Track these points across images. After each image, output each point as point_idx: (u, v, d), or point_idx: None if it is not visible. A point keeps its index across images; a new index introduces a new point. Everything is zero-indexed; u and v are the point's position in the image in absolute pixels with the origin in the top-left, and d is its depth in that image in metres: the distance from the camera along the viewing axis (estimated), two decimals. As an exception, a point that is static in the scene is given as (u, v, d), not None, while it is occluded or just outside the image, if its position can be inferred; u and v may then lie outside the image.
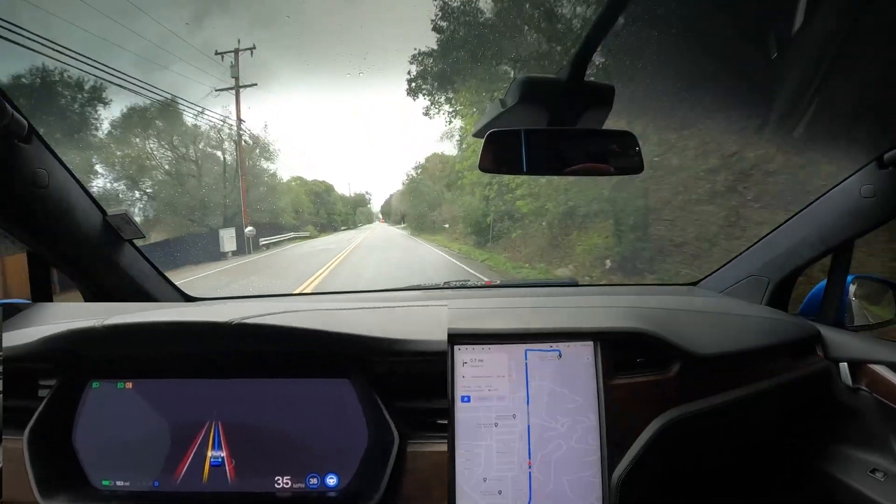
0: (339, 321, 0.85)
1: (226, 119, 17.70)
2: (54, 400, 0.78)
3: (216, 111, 19.06)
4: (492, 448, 0.85)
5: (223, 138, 18.17)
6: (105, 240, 1.00)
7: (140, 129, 15.70)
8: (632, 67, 6.15)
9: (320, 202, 29.82)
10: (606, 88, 0.78)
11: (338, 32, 28.68)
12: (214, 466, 0.76)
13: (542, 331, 0.91)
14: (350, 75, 21.53)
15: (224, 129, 17.89)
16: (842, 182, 1.07)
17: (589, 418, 0.87)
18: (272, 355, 0.81)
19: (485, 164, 0.80)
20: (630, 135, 0.80)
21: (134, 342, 0.79)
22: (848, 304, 1.14)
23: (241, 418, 0.78)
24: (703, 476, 1.04)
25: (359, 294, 1.49)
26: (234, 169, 17.51)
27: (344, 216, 37.43)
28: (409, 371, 0.81)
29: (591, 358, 0.89)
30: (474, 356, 0.89)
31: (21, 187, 0.80)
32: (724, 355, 0.95)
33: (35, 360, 0.79)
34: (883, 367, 1.00)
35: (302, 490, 0.76)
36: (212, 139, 17.93)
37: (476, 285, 1.55)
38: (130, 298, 1.08)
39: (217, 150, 18.25)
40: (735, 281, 1.36)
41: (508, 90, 0.80)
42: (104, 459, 0.77)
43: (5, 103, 0.71)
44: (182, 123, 16.81)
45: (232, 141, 17.98)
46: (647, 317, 0.98)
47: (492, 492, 0.84)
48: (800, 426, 1.10)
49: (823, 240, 1.12)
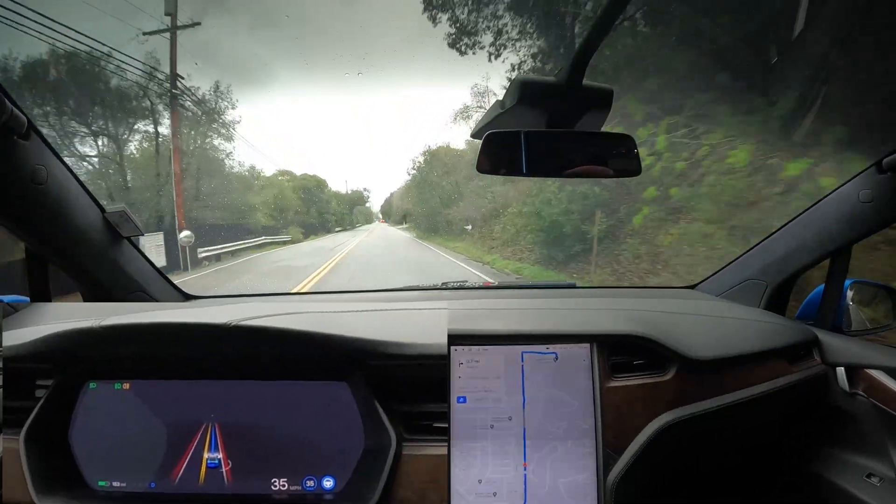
0: (338, 324, 0.85)
1: (153, 73, 11.95)
2: (51, 400, 0.78)
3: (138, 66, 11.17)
4: (487, 450, 0.85)
5: (155, 103, 12.87)
6: (103, 236, 1.00)
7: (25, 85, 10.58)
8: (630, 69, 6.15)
9: (310, 199, 25.62)
10: (605, 91, 0.78)
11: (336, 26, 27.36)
12: (211, 468, 0.76)
13: (539, 332, 0.91)
14: (348, 74, 19.08)
15: (156, 92, 12.50)
16: (840, 187, 1.07)
17: (585, 421, 0.87)
18: (270, 357, 0.81)
19: (483, 165, 0.79)
20: (628, 137, 0.80)
21: (131, 343, 0.79)
22: (846, 309, 1.14)
23: (239, 420, 0.78)
24: (698, 479, 1.05)
25: (358, 294, 1.49)
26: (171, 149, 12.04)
27: (339, 216, 33.76)
28: (406, 374, 0.81)
29: (587, 360, 0.89)
30: (471, 357, 0.89)
31: (20, 184, 0.80)
32: (722, 359, 0.95)
33: (32, 360, 0.79)
34: (880, 372, 1.00)
35: (298, 492, 0.76)
36: (136, 104, 12.61)
37: (474, 286, 1.55)
38: (128, 295, 1.08)
39: (142, 119, 12.94)
40: (733, 284, 1.36)
41: (507, 91, 0.80)
42: (101, 460, 0.77)
43: (5, 99, 0.71)
44: (91, 79, 11.70)
45: (166, 108, 12.50)
46: (644, 319, 0.98)
47: (487, 493, 0.84)
48: (796, 430, 1.10)
49: (822, 244, 1.12)
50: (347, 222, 37.30)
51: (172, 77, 11.78)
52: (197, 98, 13.77)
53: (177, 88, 12.00)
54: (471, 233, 13.98)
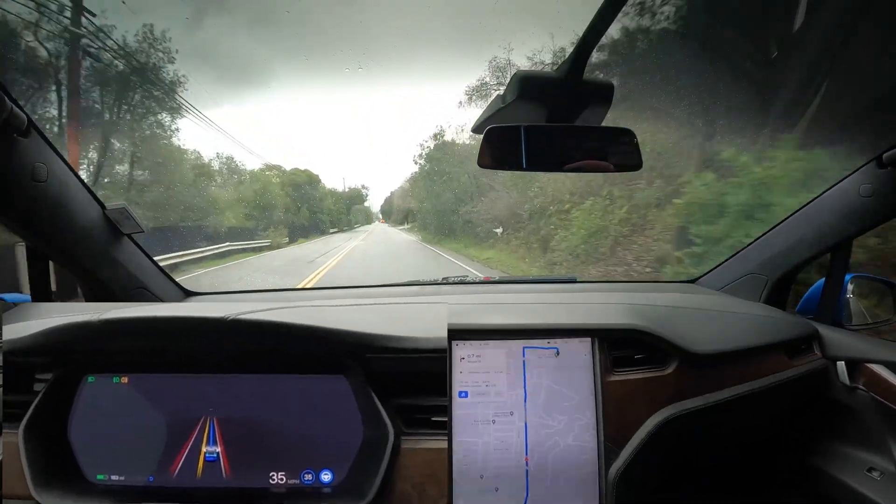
0: (337, 318, 0.85)
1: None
2: (50, 394, 0.78)
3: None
4: (489, 444, 0.85)
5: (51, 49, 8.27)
6: (104, 234, 0.99)
7: None
8: (628, 66, 6.10)
9: (301, 197, 22.32)
10: (606, 85, 0.78)
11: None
12: (209, 461, 0.76)
13: (540, 327, 0.90)
14: (348, 70, 17.46)
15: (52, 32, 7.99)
16: (841, 181, 1.07)
17: (586, 416, 0.87)
18: (268, 351, 0.80)
19: (484, 160, 0.79)
20: (629, 132, 0.80)
21: (130, 337, 0.79)
22: (846, 303, 1.14)
23: (237, 414, 0.77)
24: (699, 473, 1.05)
25: (358, 289, 1.48)
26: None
27: (335, 215, 29.91)
28: (406, 368, 0.81)
29: (588, 354, 0.89)
30: (472, 352, 0.89)
31: (20, 181, 0.79)
32: (722, 353, 0.95)
33: (31, 353, 0.79)
34: (880, 367, 1.00)
35: (297, 486, 0.76)
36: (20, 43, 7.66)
37: (475, 281, 1.55)
38: (130, 292, 1.08)
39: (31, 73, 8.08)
40: (733, 279, 1.36)
41: (507, 86, 0.79)
42: (99, 454, 0.77)
43: (4, 97, 0.70)
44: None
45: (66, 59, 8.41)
46: (645, 314, 0.97)
47: (489, 488, 0.84)
48: (797, 424, 1.10)
49: (822, 238, 1.12)
50: (344, 223, 33.54)
51: (75, 10, 7.69)
52: (119, 46, 9.29)
53: (80, 27, 7.91)
54: (503, 237, 10.52)
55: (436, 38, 21.18)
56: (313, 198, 23.98)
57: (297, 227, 20.40)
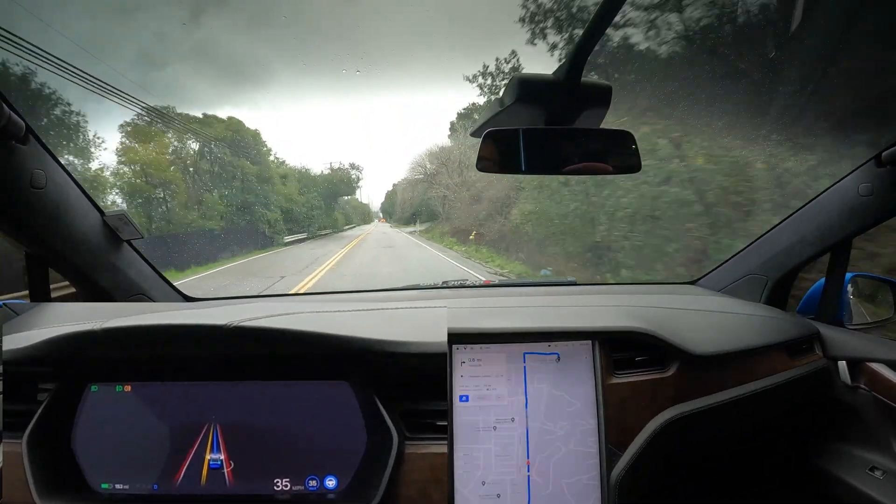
0: (338, 323, 0.85)
1: None
2: (53, 403, 0.78)
3: None
4: (491, 451, 0.85)
5: None
6: (103, 240, 1.00)
7: None
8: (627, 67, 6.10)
9: (227, 175, 12.65)
10: (604, 88, 0.78)
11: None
12: (213, 469, 0.76)
13: (541, 330, 0.90)
14: (346, 71, 14.52)
15: None
16: (840, 180, 1.07)
17: (587, 421, 0.87)
18: (271, 358, 0.81)
19: (482, 163, 0.79)
20: (628, 134, 0.80)
21: (132, 345, 0.79)
22: (847, 303, 1.14)
23: (240, 421, 0.77)
24: (701, 474, 1.04)
25: (358, 294, 1.49)
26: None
27: (305, 212, 18.29)
28: (408, 373, 0.81)
29: (589, 357, 0.89)
30: (472, 356, 0.89)
31: (19, 188, 0.80)
32: (723, 354, 0.95)
33: (34, 363, 0.79)
34: (882, 366, 1.00)
35: (301, 492, 0.76)
36: None
37: (475, 285, 1.55)
38: (129, 298, 1.08)
39: None
40: (734, 279, 1.36)
41: (506, 89, 0.80)
42: (103, 463, 0.77)
43: (3, 104, 0.71)
44: None
45: None
46: (645, 316, 0.98)
47: (490, 495, 0.84)
48: (799, 424, 1.10)
49: (822, 238, 1.12)
50: (323, 224, 21.44)
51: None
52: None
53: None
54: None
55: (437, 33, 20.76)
56: (254, 179, 13.04)
57: (226, 233, 11.21)
